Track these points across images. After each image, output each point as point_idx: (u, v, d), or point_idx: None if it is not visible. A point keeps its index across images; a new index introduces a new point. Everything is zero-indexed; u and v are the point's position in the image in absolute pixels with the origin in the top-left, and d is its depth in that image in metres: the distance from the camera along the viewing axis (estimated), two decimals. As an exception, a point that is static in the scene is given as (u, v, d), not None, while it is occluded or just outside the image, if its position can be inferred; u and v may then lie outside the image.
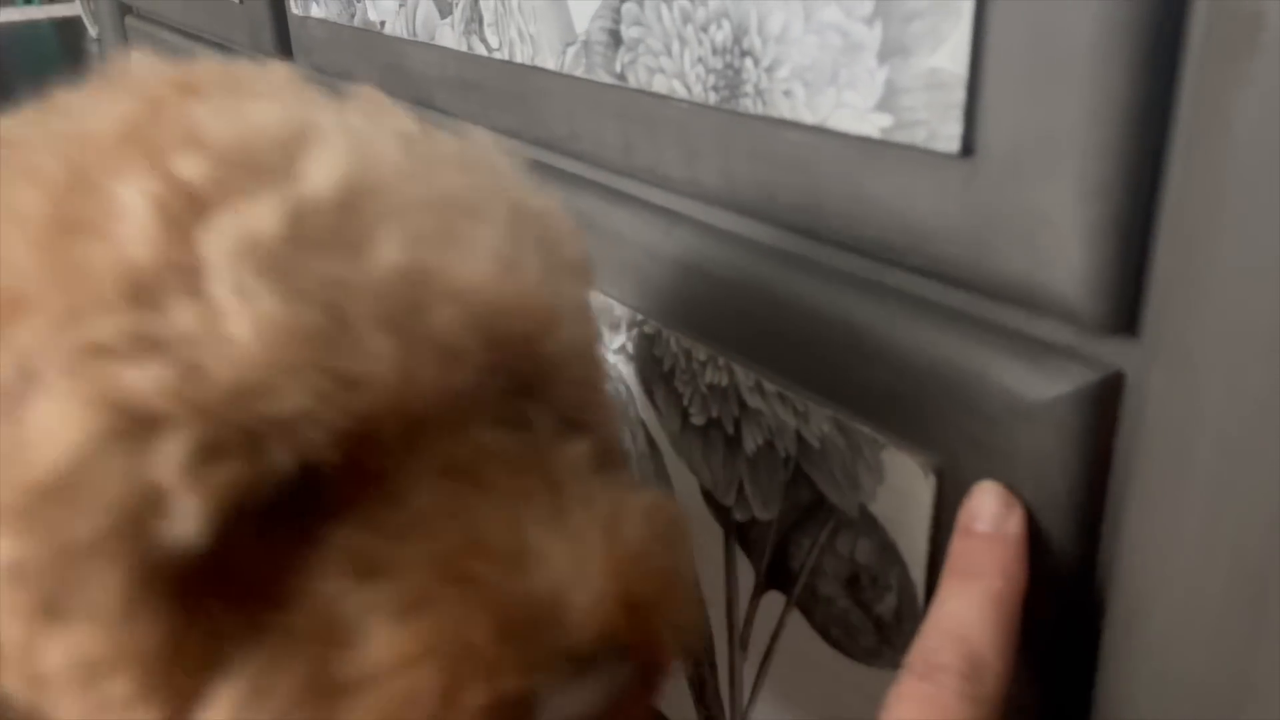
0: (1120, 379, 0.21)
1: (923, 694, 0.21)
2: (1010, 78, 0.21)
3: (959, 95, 0.21)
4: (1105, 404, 0.21)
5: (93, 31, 3.75)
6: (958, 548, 0.23)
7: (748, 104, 0.27)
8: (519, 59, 0.37)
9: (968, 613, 0.22)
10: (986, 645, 0.22)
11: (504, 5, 0.37)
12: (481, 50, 0.39)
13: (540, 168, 0.39)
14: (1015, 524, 0.23)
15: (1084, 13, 0.19)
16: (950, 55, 0.21)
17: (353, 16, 0.50)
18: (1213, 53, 0.18)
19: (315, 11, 0.54)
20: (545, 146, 0.38)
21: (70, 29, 4.21)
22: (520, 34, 0.36)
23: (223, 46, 0.74)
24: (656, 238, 0.33)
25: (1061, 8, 0.19)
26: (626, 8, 0.31)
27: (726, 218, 0.31)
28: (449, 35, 0.41)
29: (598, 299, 0.36)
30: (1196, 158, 0.19)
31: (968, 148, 0.22)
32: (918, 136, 0.22)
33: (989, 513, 0.23)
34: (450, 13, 0.41)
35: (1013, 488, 0.23)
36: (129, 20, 1.03)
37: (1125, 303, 0.21)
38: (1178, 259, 0.20)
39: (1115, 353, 0.22)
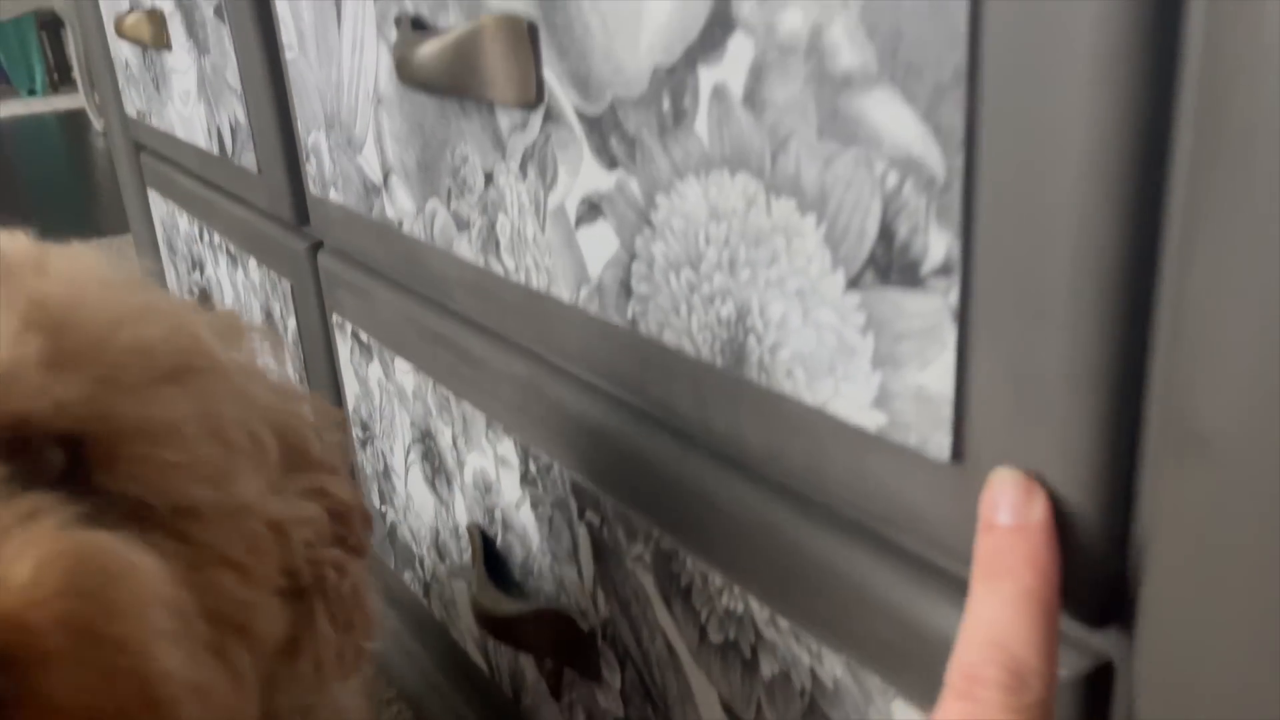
0: (1110, 669, 0.23)
1: (966, 714, 0.20)
2: (995, 399, 0.23)
3: (946, 412, 0.23)
4: (1095, 693, 0.23)
5: (98, 125, 3.80)
6: (983, 546, 0.22)
7: (753, 374, 0.29)
8: (535, 286, 0.39)
9: (1002, 616, 0.21)
10: (1028, 648, 0.20)
11: (520, 235, 0.39)
12: (498, 270, 0.42)
13: (559, 373, 0.41)
14: (1039, 511, 0.22)
15: (1061, 341, 0.21)
16: (937, 376, 0.24)
17: (370, 209, 0.52)
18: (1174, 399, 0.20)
19: (334, 197, 0.57)
20: (564, 359, 0.40)
21: (75, 122, 4.30)
22: (536, 264, 0.39)
23: (241, 201, 0.77)
24: (672, 460, 0.35)
25: (1042, 341, 0.22)
26: (636, 266, 0.33)
27: (735, 459, 0.33)
28: (466, 249, 0.44)
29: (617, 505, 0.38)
30: (1169, 474, 0.21)
31: (958, 454, 0.24)
32: (910, 439, 0.25)
33: (1009, 502, 0.22)
34: (467, 229, 0.43)
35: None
36: (144, 158, 1.07)
37: (1114, 595, 0.23)
38: (1165, 553, 0.22)
39: (1105, 642, 0.23)
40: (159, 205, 1.04)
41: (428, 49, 0.37)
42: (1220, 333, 0.19)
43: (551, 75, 0.34)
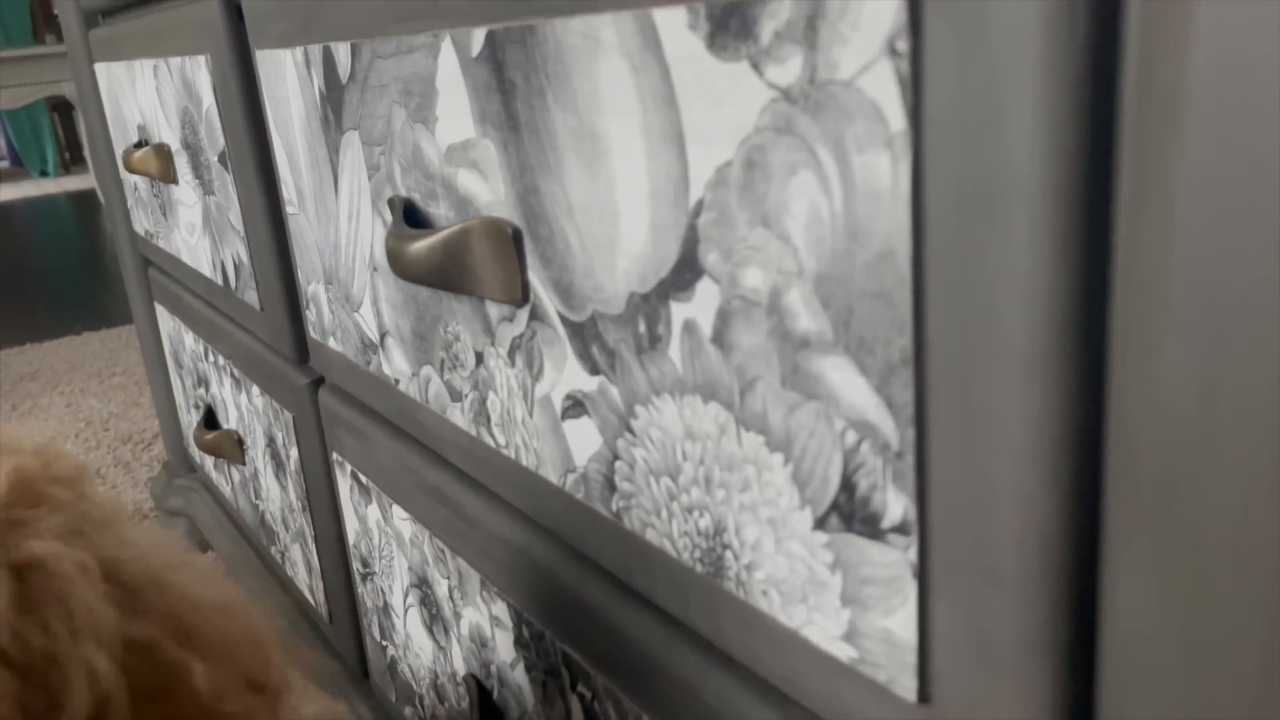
0: None
1: None
2: (957, 651, 0.24)
3: (911, 658, 0.24)
4: None
5: (105, 204, 3.86)
6: None
7: (731, 587, 0.30)
8: (524, 463, 0.41)
9: None
10: None
11: (509, 415, 0.41)
12: (490, 442, 0.43)
13: (551, 542, 0.42)
14: None
15: (1012, 605, 0.22)
16: (901, 623, 0.24)
17: (368, 363, 0.54)
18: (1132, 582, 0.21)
19: (333, 345, 0.58)
20: (555, 530, 0.42)
21: (85, 203, 4.38)
22: (525, 443, 0.40)
23: (245, 329, 0.79)
24: (658, 646, 0.36)
25: (995, 604, 0.23)
26: (619, 465, 0.34)
27: (718, 653, 0.34)
28: (459, 416, 0.45)
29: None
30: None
31: (924, 697, 0.25)
32: (879, 676, 0.25)
33: None
34: (460, 399, 0.45)
35: None
36: (152, 273, 1.09)
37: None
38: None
39: None
40: (166, 320, 1.06)
41: (418, 246, 0.39)
42: (1155, 627, 0.20)
43: (536, 280, 0.36)
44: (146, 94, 0.83)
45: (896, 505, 0.24)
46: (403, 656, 0.62)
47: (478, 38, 0.35)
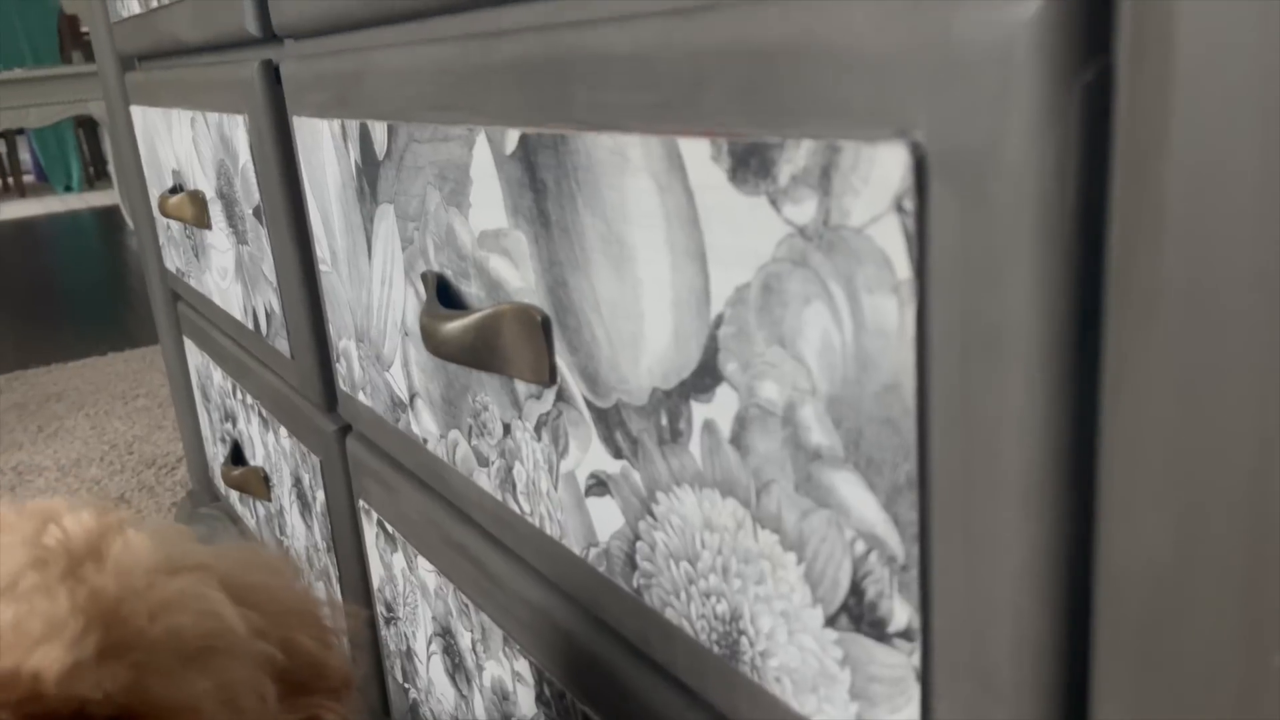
0: None
1: None
2: (955, 745, 0.25)
3: (915, 754, 0.26)
4: None
5: (131, 225, 3.90)
6: None
7: (746, 670, 0.32)
8: (548, 532, 0.42)
9: None
10: None
11: (534, 485, 0.43)
12: (515, 508, 0.45)
13: (573, 606, 0.44)
14: None
15: (1008, 709, 0.24)
16: (905, 720, 0.26)
17: (397, 420, 0.56)
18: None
19: (362, 399, 0.60)
20: (577, 595, 0.43)
21: (109, 220, 4.44)
22: (549, 514, 0.42)
23: (274, 372, 0.82)
24: (674, 716, 0.37)
25: (995, 714, 0.24)
26: (640, 545, 0.36)
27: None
28: (485, 481, 0.47)
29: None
30: None
31: (926, 789, 0.26)
32: (885, 767, 0.27)
33: None
34: (487, 465, 0.47)
35: None
36: (181, 308, 1.12)
37: None
38: None
39: None
40: (194, 354, 1.08)
41: (451, 326, 0.41)
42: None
43: (563, 364, 0.38)
44: (183, 142, 0.86)
45: (902, 613, 0.25)
46: (424, 700, 0.63)
47: (512, 137, 0.37)
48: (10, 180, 5.67)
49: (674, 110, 0.29)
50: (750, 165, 0.26)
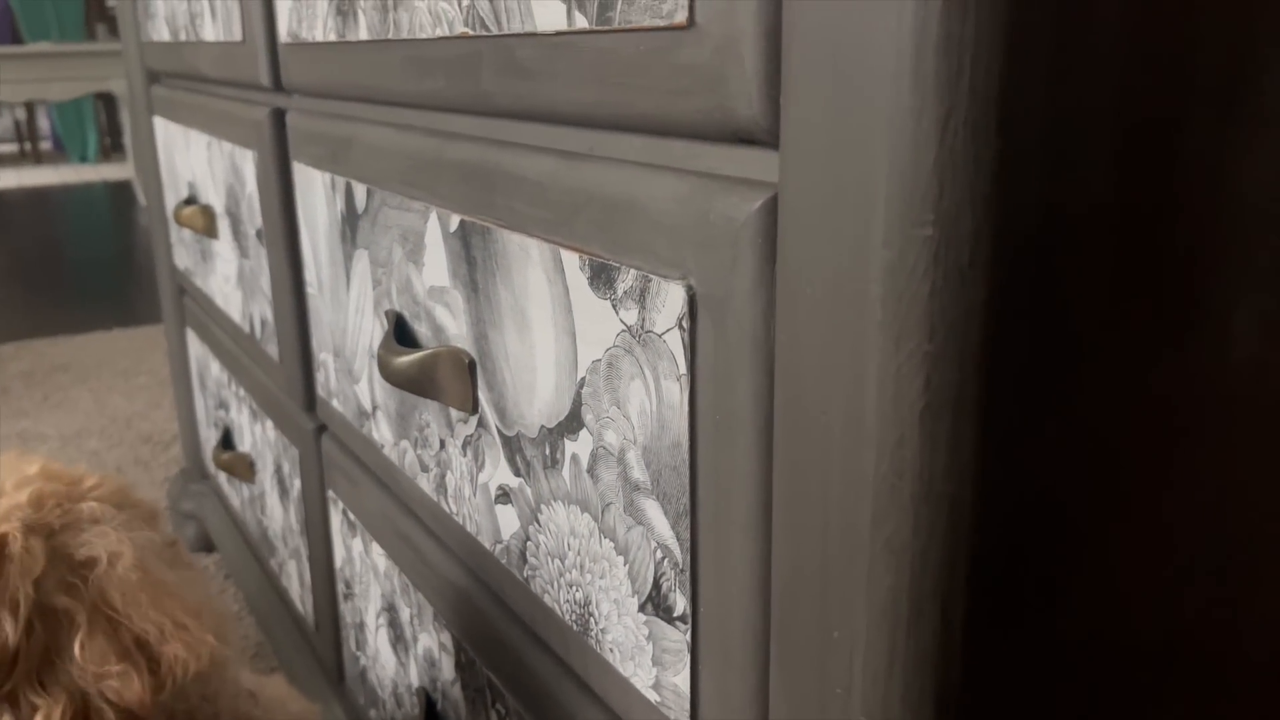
0: None
1: None
2: (712, 701, 0.36)
3: (687, 705, 0.36)
4: None
5: (143, 201, 4.00)
6: None
7: (593, 643, 0.42)
8: (469, 530, 0.53)
9: None
10: None
11: (460, 492, 0.53)
12: (446, 509, 0.55)
13: (485, 591, 0.54)
14: None
15: (738, 673, 0.34)
16: (683, 682, 0.37)
17: (362, 426, 0.66)
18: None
19: (336, 405, 0.71)
20: (489, 581, 0.54)
21: (122, 194, 4.55)
22: (470, 516, 0.52)
23: (265, 371, 0.92)
24: (550, 678, 0.48)
25: (730, 675, 0.35)
26: (529, 545, 0.46)
27: (589, 691, 0.46)
28: (426, 484, 0.57)
29: None
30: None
31: (695, 731, 0.37)
32: (671, 716, 0.37)
33: None
34: (427, 471, 0.57)
35: None
36: (186, 302, 1.22)
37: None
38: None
39: None
40: (195, 344, 1.19)
41: (401, 360, 0.51)
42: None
43: (484, 398, 0.48)
44: (199, 161, 0.97)
45: (681, 603, 0.36)
46: (371, 667, 0.74)
47: (454, 220, 0.47)
48: (28, 146, 5.78)
49: (558, 227, 0.39)
50: (601, 277, 0.37)
